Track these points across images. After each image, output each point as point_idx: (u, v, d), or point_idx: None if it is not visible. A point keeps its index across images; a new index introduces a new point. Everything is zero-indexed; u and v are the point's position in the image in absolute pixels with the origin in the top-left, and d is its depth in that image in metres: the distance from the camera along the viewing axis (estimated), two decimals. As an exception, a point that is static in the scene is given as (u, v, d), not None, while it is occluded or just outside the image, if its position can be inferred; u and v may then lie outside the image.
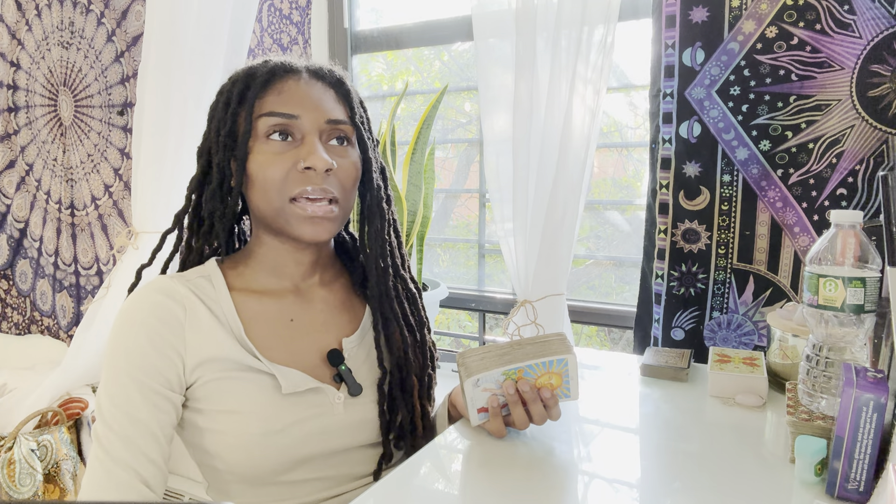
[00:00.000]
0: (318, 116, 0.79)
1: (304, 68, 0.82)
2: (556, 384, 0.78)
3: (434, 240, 1.90)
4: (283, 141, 0.78)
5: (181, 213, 0.87)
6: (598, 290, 1.72)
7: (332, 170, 0.78)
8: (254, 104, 0.78)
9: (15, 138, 2.28)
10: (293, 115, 0.78)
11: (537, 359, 0.75)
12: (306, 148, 0.77)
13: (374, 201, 0.86)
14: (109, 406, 0.73)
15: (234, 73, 0.83)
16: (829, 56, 1.11)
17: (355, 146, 0.84)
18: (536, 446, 0.79)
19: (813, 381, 0.76)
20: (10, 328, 2.40)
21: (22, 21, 2.19)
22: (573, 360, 0.76)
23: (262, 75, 0.79)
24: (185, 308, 0.77)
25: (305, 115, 0.78)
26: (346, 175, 0.80)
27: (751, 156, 1.19)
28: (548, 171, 1.30)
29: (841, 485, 0.63)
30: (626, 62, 1.59)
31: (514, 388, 0.76)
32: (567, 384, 0.78)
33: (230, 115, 0.80)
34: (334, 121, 0.80)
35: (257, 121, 0.78)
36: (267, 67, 0.80)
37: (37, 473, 1.48)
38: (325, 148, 0.79)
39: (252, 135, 0.78)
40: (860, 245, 0.73)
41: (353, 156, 0.82)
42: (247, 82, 0.80)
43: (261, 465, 0.75)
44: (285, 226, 0.79)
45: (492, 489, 0.69)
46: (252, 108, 0.78)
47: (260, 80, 0.79)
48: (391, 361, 0.85)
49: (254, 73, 0.80)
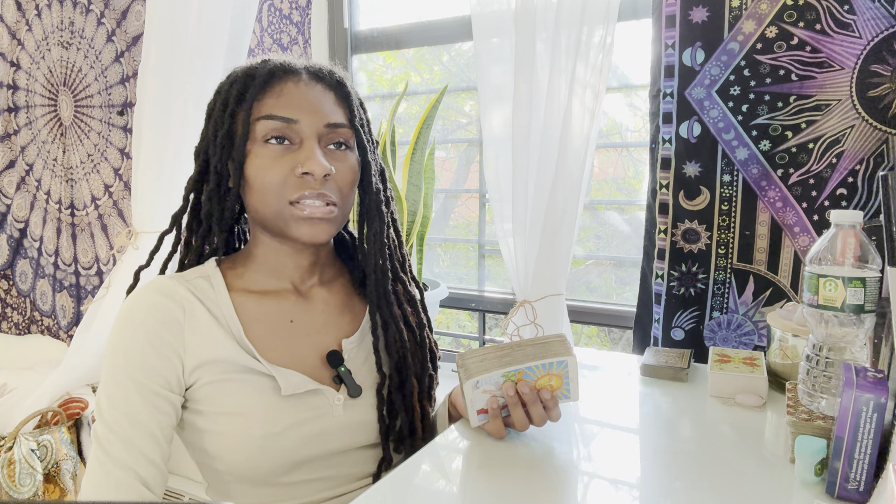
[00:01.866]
0: (318, 120, 0.78)
1: (303, 69, 0.81)
2: (556, 385, 0.78)
3: (434, 240, 1.90)
4: (281, 145, 0.77)
5: (178, 213, 0.86)
6: (598, 290, 1.72)
7: (331, 175, 0.77)
8: (252, 106, 0.77)
9: (15, 138, 2.28)
10: (292, 119, 0.77)
11: (537, 360, 0.75)
12: (304, 153, 0.77)
13: (373, 204, 0.86)
14: (109, 407, 0.73)
15: (233, 73, 0.82)
16: (829, 56, 1.11)
17: (354, 149, 0.83)
18: (536, 446, 0.79)
19: (813, 381, 0.76)
20: (10, 328, 2.40)
21: (22, 21, 2.19)
22: (573, 362, 0.76)
23: (260, 76, 0.78)
24: (185, 309, 0.76)
25: (304, 119, 0.77)
26: (344, 179, 0.80)
27: (751, 156, 1.19)
28: (547, 172, 1.30)
29: (841, 485, 0.63)
30: (626, 62, 1.59)
31: (514, 390, 0.76)
32: (567, 385, 0.78)
33: (228, 116, 0.79)
34: (334, 124, 0.79)
35: (255, 123, 0.77)
36: (266, 68, 0.79)
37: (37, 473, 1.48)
38: (324, 152, 0.78)
39: (250, 137, 0.77)
40: (860, 245, 0.73)
41: (351, 160, 0.82)
42: (245, 83, 0.79)
43: (261, 466, 0.75)
44: (284, 227, 0.78)
45: (492, 489, 0.69)
46: (250, 110, 0.77)
47: (259, 81, 0.78)
48: (390, 365, 0.84)
49: (252, 74, 0.79)
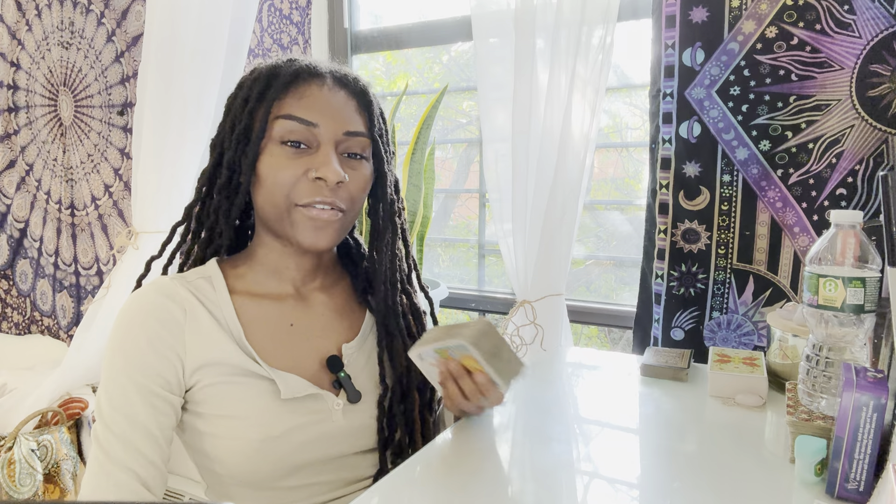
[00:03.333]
0: (337, 127, 0.77)
1: (328, 73, 0.80)
2: (478, 368, 0.76)
3: (434, 240, 1.90)
4: (298, 148, 0.77)
5: (191, 205, 0.86)
6: (598, 290, 1.72)
7: (343, 182, 0.77)
8: (272, 104, 0.77)
9: (15, 138, 2.28)
10: (311, 122, 0.76)
11: (438, 342, 0.76)
12: (321, 158, 0.76)
13: (387, 215, 0.86)
14: (108, 408, 0.72)
15: (257, 69, 0.81)
16: (829, 56, 1.11)
17: (370, 159, 0.82)
18: (536, 446, 0.79)
19: (813, 381, 0.76)
20: (10, 328, 2.40)
21: (22, 21, 2.19)
22: (473, 349, 0.73)
23: (285, 76, 0.77)
24: (185, 310, 0.76)
25: (324, 124, 0.77)
26: (357, 188, 0.80)
27: (751, 156, 1.19)
28: (547, 172, 1.30)
29: (841, 485, 0.63)
30: (626, 62, 1.59)
31: (445, 366, 0.78)
32: (490, 371, 0.75)
33: (247, 112, 0.78)
34: (352, 132, 0.79)
35: (274, 122, 0.77)
36: (291, 68, 0.78)
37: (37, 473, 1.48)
38: (339, 160, 0.78)
39: (266, 135, 0.77)
40: (860, 245, 0.73)
41: (365, 170, 0.81)
42: (268, 81, 0.78)
43: (260, 469, 0.75)
44: (288, 229, 0.78)
45: (491, 489, 0.69)
46: (270, 109, 0.77)
47: (282, 80, 0.77)
48: (393, 377, 0.84)
49: (277, 73, 0.78)
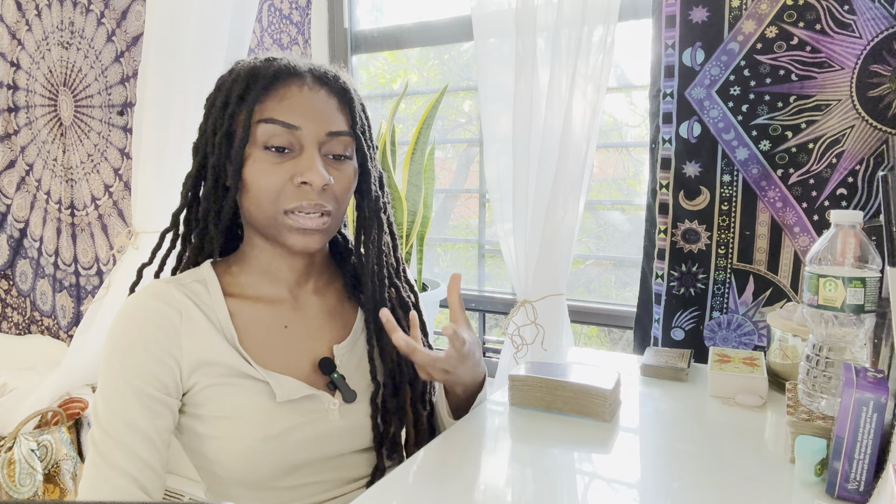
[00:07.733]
0: (320, 128, 0.77)
1: (308, 72, 0.79)
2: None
3: (434, 240, 1.90)
4: (281, 153, 0.76)
5: (178, 211, 0.86)
6: (598, 290, 1.72)
7: (329, 185, 0.76)
8: (253, 108, 0.76)
9: (15, 138, 2.28)
10: (294, 126, 0.75)
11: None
12: (305, 162, 0.75)
13: (372, 211, 0.85)
14: (106, 412, 0.72)
15: (235, 69, 0.80)
16: (829, 56, 1.11)
17: (353, 157, 0.82)
18: (535, 446, 0.79)
19: (813, 381, 0.76)
20: (10, 328, 2.40)
21: (22, 21, 2.19)
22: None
23: (264, 78, 0.76)
24: (181, 313, 0.76)
25: (307, 126, 0.76)
26: (341, 188, 0.79)
27: (751, 156, 1.19)
28: (548, 171, 1.30)
29: (841, 485, 0.63)
30: (626, 62, 1.59)
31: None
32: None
33: (228, 116, 0.77)
34: (335, 132, 0.78)
35: (256, 126, 0.76)
36: (270, 70, 0.77)
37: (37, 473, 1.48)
38: (323, 161, 0.77)
39: (249, 140, 0.76)
40: (860, 245, 0.73)
41: (348, 169, 0.81)
42: (248, 83, 0.77)
43: (259, 470, 0.75)
44: (277, 234, 0.78)
45: (491, 489, 0.69)
46: (251, 112, 0.76)
47: (262, 83, 0.76)
48: (384, 373, 0.84)
49: (256, 74, 0.77)
